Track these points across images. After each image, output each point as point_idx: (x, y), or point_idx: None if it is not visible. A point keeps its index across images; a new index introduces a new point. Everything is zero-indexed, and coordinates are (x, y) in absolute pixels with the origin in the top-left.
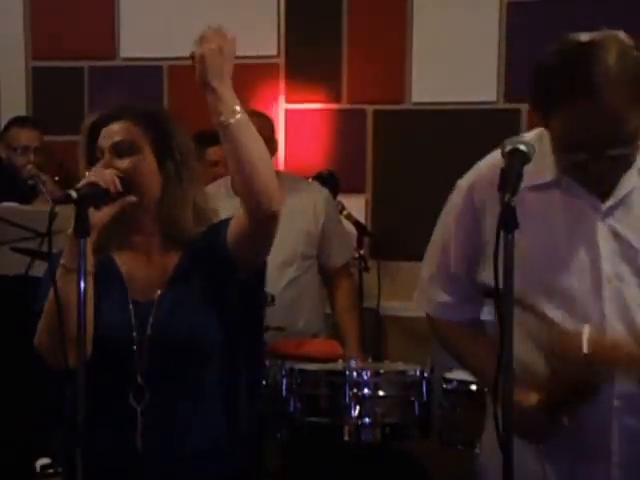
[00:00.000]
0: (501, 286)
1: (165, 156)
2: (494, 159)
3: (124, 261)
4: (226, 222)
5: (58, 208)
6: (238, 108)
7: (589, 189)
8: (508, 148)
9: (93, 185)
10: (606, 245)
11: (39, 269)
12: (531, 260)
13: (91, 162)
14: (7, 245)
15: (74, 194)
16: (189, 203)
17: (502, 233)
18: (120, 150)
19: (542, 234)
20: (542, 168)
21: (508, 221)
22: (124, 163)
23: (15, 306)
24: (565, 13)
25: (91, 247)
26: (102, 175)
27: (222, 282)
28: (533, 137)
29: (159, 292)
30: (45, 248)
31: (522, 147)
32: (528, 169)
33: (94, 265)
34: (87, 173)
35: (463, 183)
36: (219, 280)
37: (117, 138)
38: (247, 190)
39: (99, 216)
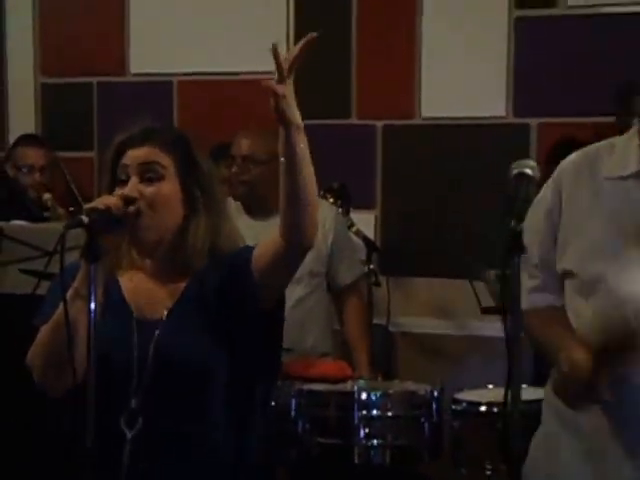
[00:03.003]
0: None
1: (190, 184)
2: (578, 152)
3: (129, 281)
4: (247, 251)
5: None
6: (302, 126)
7: None
8: (514, 172)
9: (103, 210)
10: None
11: (46, 288)
12: (605, 245)
13: (114, 180)
14: (15, 264)
15: (85, 219)
16: (211, 233)
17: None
18: (146, 174)
19: (618, 222)
20: (625, 161)
21: (515, 246)
22: (149, 188)
23: (22, 325)
24: (574, 28)
25: (103, 275)
26: (111, 201)
27: (239, 310)
28: (621, 138)
29: (165, 312)
30: (52, 268)
31: (528, 171)
32: (611, 161)
33: (102, 292)
34: (104, 195)
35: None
36: (236, 309)
37: (143, 162)
38: (297, 221)
39: (111, 243)
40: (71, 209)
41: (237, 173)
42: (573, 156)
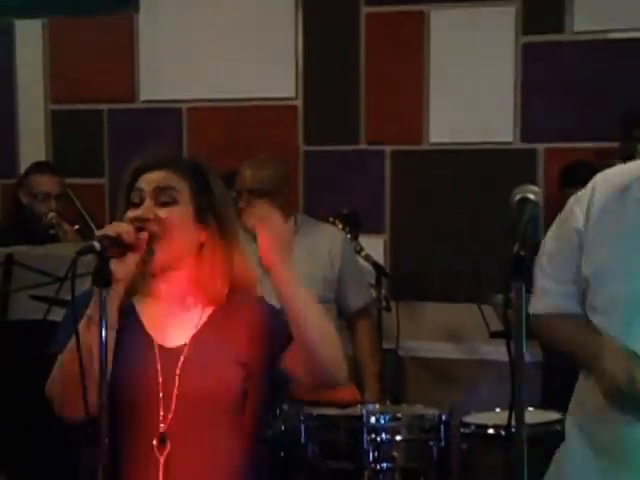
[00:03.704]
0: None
1: (205, 210)
2: (619, 167)
3: (147, 308)
4: (283, 337)
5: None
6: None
7: None
8: (517, 197)
9: (115, 237)
10: None
11: (58, 314)
12: (623, 265)
13: (128, 205)
14: (26, 290)
15: (97, 245)
16: (227, 260)
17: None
18: (160, 198)
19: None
20: None
21: (518, 271)
22: (163, 212)
23: (34, 351)
24: (580, 54)
25: (117, 301)
26: (122, 228)
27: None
28: None
29: (188, 340)
30: (63, 294)
31: (531, 196)
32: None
33: (117, 318)
34: (118, 220)
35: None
36: (260, 354)
37: (159, 186)
38: (311, 366)
39: (124, 269)
40: (77, 227)
41: (244, 207)
42: (602, 176)
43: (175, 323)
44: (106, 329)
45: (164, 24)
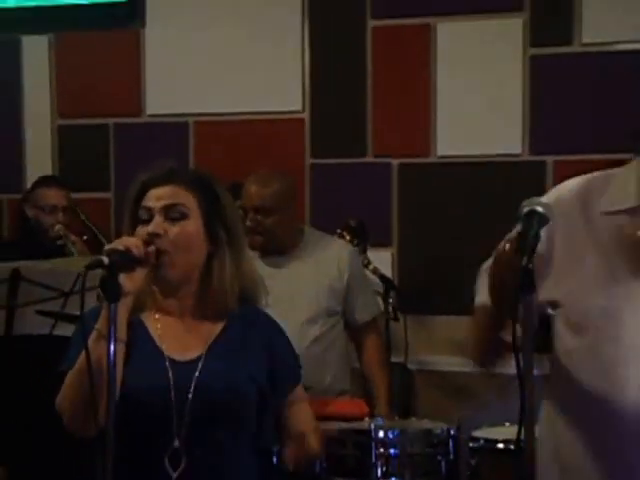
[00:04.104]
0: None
1: (214, 224)
2: (575, 181)
3: (156, 323)
4: (285, 380)
5: (82, 265)
6: None
7: None
8: (525, 210)
9: (123, 251)
10: None
11: (64, 329)
12: (596, 281)
13: (134, 221)
14: (32, 305)
15: (106, 260)
16: (237, 272)
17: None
18: (170, 214)
19: (608, 258)
20: (622, 195)
21: (526, 284)
22: (174, 227)
23: (40, 366)
24: (588, 66)
25: (126, 315)
26: (131, 242)
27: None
28: (618, 171)
29: (199, 354)
30: (69, 308)
31: (539, 209)
32: (607, 195)
33: (127, 332)
34: (124, 234)
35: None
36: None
37: (168, 201)
38: None
39: (133, 283)
40: (85, 237)
41: (253, 226)
42: (567, 190)
43: (186, 337)
44: (115, 343)
45: (170, 38)
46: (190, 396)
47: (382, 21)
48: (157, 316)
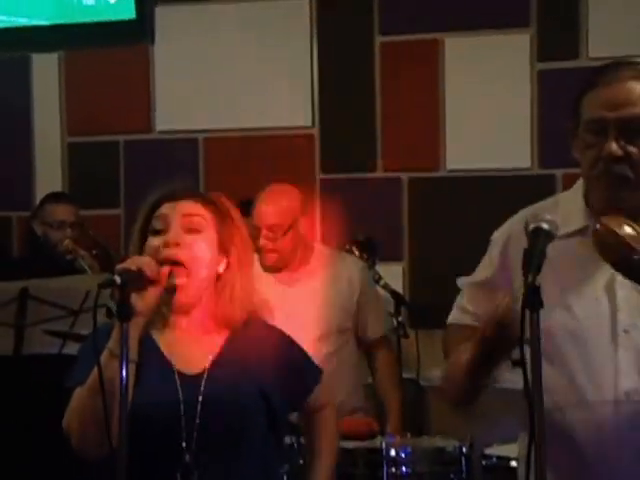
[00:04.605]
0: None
1: (227, 239)
2: (526, 213)
3: (165, 339)
4: (313, 379)
5: (91, 283)
6: None
7: None
8: (531, 227)
9: (136, 271)
10: (623, 294)
11: (73, 347)
12: (555, 308)
13: (144, 234)
14: (40, 324)
15: (118, 278)
16: (244, 289)
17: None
18: (188, 227)
19: (565, 281)
20: (571, 217)
21: (533, 301)
22: (191, 239)
23: (50, 386)
24: None
25: (138, 334)
26: (144, 262)
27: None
28: (566, 194)
29: (206, 367)
30: (78, 326)
31: (545, 225)
32: (560, 218)
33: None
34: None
35: (497, 235)
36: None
37: (187, 213)
38: None
39: (145, 303)
40: (94, 252)
41: (267, 245)
42: (517, 221)
43: (192, 349)
44: (127, 363)
45: (179, 55)
46: (198, 410)
47: (390, 37)
48: (165, 330)
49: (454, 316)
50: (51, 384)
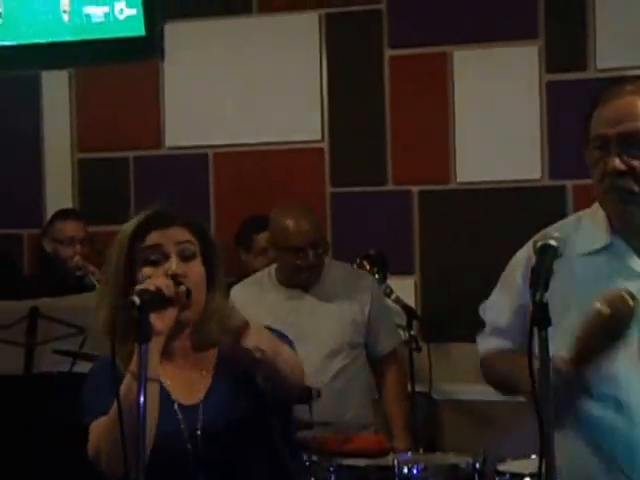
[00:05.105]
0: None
1: (214, 266)
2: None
3: (163, 366)
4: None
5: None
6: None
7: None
8: (539, 245)
9: (154, 291)
10: None
11: (84, 366)
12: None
13: (130, 263)
14: (50, 343)
15: (137, 300)
16: (226, 312)
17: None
18: (184, 254)
19: (592, 297)
20: (595, 234)
21: (541, 318)
22: (189, 267)
23: (61, 405)
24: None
25: (158, 354)
26: (161, 282)
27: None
28: (588, 211)
29: (203, 394)
30: (88, 344)
31: (553, 242)
32: (581, 237)
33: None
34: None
35: (519, 257)
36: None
37: (180, 240)
38: (278, 386)
39: (164, 322)
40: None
41: (303, 263)
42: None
43: (189, 380)
44: (144, 385)
45: (189, 71)
46: (199, 438)
47: (399, 50)
48: (164, 359)
49: (491, 343)
50: (62, 403)
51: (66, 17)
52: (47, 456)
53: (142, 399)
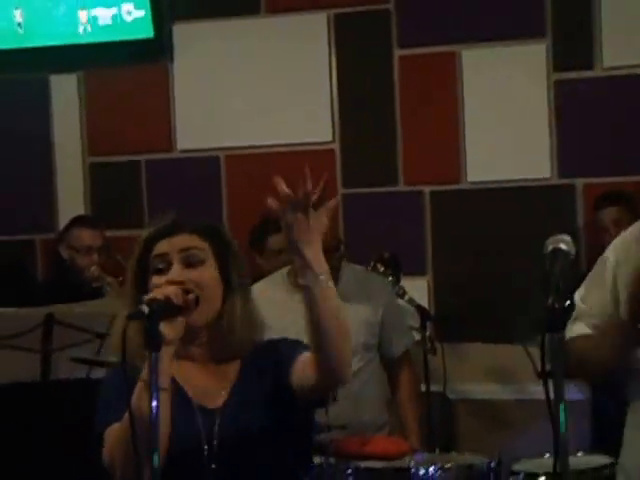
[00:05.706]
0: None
1: (229, 269)
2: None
3: (181, 371)
4: (291, 352)
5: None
6: (323, 277)
7: None
8: (549, 248)
9: (163, 300)
10: None
11: (101, 372)
12: None
13: (143, 275)
14: (67, 349)
15: (146, 309)
16: (248, 314)
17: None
18: (189, 261)
19: None
20: None
21: (554, 321)
22: (194, 273)
23: (78, 412)
24: (611, 89)
25: (170, 363)
26: (170, 291)
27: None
28: None
29: (223, 400)
30: (104, 352)
31: (563, 246)
32: None
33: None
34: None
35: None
36: (279, 399)
37: (184, 247)
38: (322, 358)
39: (174, 331)
40: (121, 278)
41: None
42: (628, 232)
43: (209, 385)
44: (158, 392)
45: (199, 73)
46: (216, 444)
47: (408, 50)
48: (180, 364)
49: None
50: (79, 409)
51: (81, 29)
52: (64, 463)
53: (155, 406)
